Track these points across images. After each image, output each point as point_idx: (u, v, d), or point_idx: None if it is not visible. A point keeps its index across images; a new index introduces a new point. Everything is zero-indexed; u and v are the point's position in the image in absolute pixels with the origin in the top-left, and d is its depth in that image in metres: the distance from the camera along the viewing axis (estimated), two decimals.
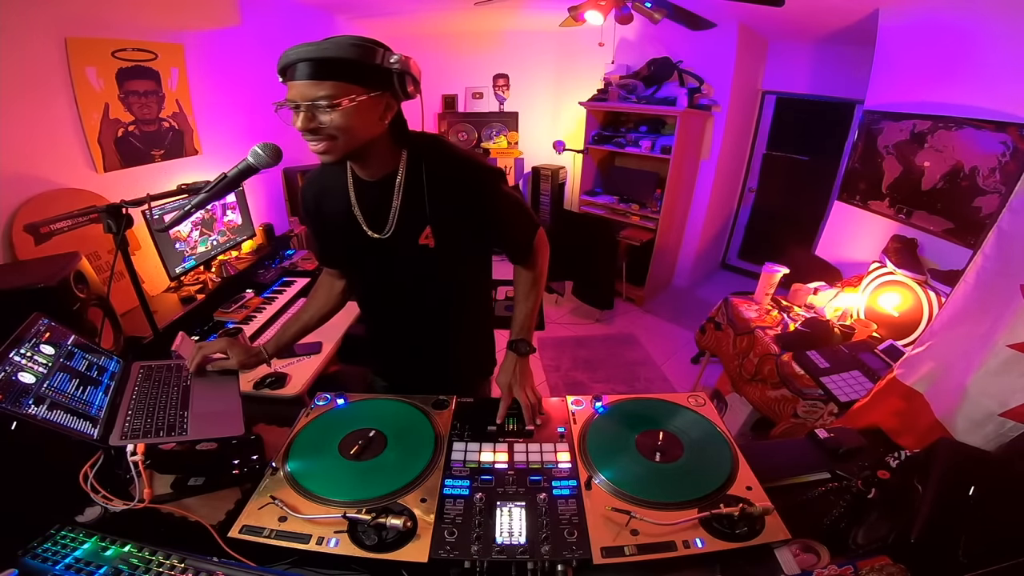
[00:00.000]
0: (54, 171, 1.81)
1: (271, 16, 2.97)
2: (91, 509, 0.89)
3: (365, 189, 1.04)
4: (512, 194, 1.11)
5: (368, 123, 0.89)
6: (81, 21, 1.86)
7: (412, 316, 1.19)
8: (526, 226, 1.17)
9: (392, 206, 1.02)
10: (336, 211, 1.07)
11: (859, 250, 2.72)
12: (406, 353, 1.28)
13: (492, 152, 4.69)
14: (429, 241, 1.03)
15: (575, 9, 2.70)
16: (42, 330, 0.99)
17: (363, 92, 0.85)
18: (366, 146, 0.94)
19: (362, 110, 0.86)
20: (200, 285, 2.20)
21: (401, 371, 1.34)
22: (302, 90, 0.83)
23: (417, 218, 1.01)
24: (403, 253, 1.06)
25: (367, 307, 1.27)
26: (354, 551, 0.76)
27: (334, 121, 0.85)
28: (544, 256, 1.23)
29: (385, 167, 1.00)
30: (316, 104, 0.83)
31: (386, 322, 1.27)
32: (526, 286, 1.23)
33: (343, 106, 0.84)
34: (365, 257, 1.10)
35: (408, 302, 1.16)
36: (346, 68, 0.83)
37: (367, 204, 1.04)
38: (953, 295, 1.20)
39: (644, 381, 3.19)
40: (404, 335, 1.25)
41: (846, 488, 0.95)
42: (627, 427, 1.04)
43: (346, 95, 0.83)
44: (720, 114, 3.85)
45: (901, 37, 2.55)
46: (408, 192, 1.01)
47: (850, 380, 1.78)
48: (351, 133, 0.88)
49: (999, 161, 2.05)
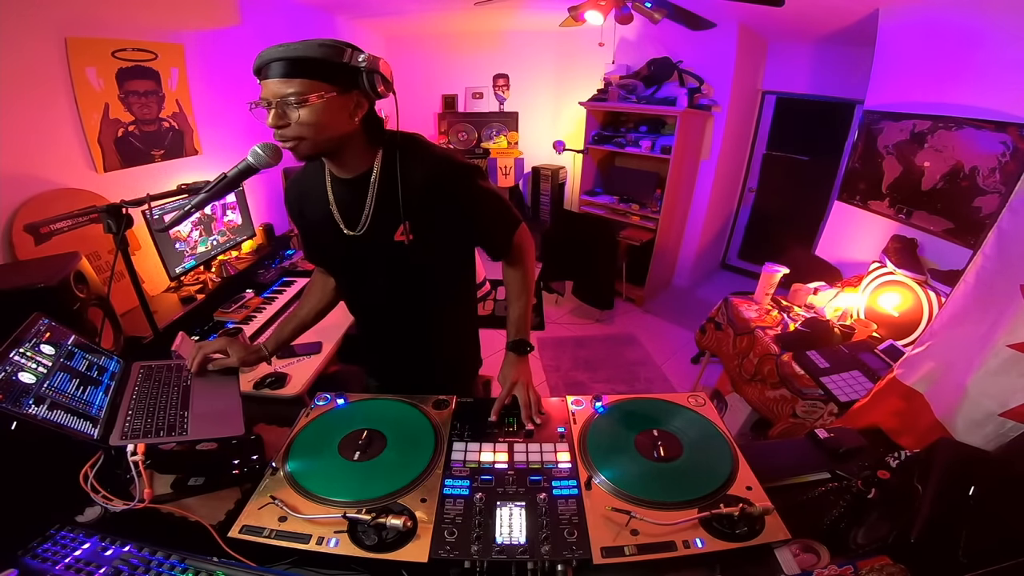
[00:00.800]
0: (54, 171, 1.81)
1: (271, 16, 2.97)
2: (91, 509, 0.89)
3: (341, 187, 1.06)
4: (491, 190, 1.12)
5: (337, 120, 0.92)
6: (81, 21, 1.86)
7: (393, 313, 1.21)
8: (506, 222, 1.16)
9: (366, 203, 1.04)
10: (316, 210, 1.10)
11: (859, 250, 2.72)
12: (390, 350, 1.30)
13: (492, 152, 4.69)
14: (404, 238, 1.04)
15: (575, 9, 2.70)
16: (42, 330, 0.99)
17: (331, 90, 0.88)
18: (338, 144, 0.97)
19: (331, 107, 0.90)
20: (200, 285, 2.20)
21: (388, 369, 1.36)
22: (273, 88, 0.87)
23: (391, 215, 1.03)
24: (377, 250, 1.08)
25: (352, 305, 1.30)
26: (354, 551, 0.76)
27: (302, 117, 0.88)
28: (529, 252, 1.22)
29: (360, 165, 1.03)
30: (286, 101, 0.87)
31: (370, 319, 1.29)
32: (516, 285, 1.23)
33: (311, 102, 0.87)
34: (343, 254, 1.13)
35: (387, 299, 1.18)
36: (314, 66, 0.87)
37: (343, 202, 1.07)
38: (953, 295, 1.20)
39: (644, 381, 3.19)
40: (387, 332, 1.27)
41: (846, 488, 0.95)
42: (627, 427, 1.04)
43: (314, 92, 0.87)
44: (720, 114, 3.85)
45: (901, 37, 2.55)
46: (382, 189, 1.03)
47: (850, 380, 1.78)
48: (319, 129, 0.90)
49: (999, 161, 2.05)
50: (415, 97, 4.82)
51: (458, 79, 4.81)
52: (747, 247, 4.75)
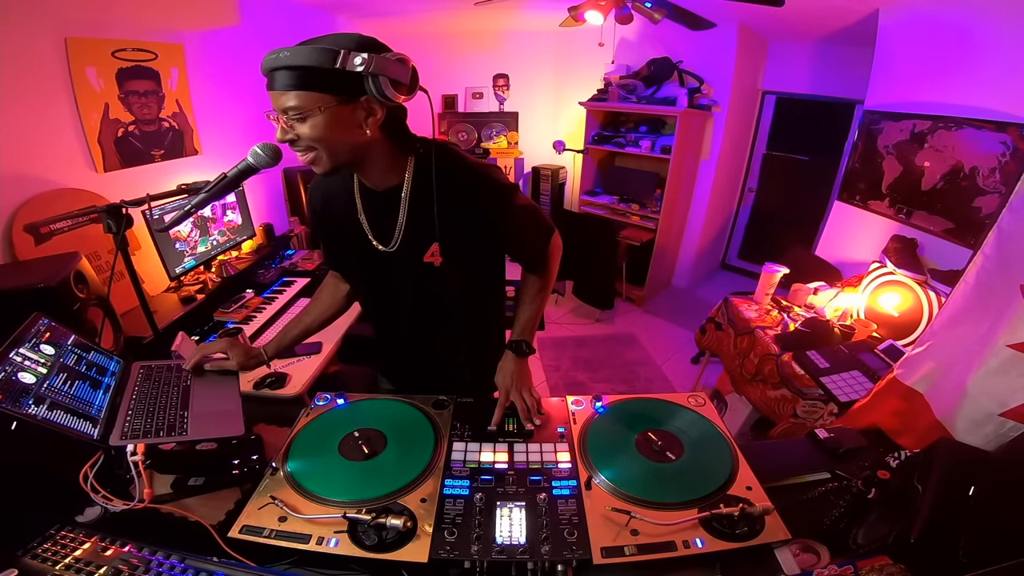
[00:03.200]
0: (54, 171, 1.81)
1: (271, 16, 2.97)
2: (91, 509, 0.88)
3: (371, 198, 1.00)
4: (528, 205, 1.08)
5: (348, 133, 0.84)
6: (81, 21, 1.86)
7: (418, 328, 1.17)
8: (541, 236, 1.14)
9: (398, 219, 0.98)
10: (342, 216, 1.04)
11: (859, 250, 2.72)
12: (412, 361, 1.26)
13: (492, 152, 4.69)
14: (435, 259, 0.98)
15: (575, 9, 2.70)
16: (42, 330, 0.99)
17: (333, 101, 0.79)
18: (358, 155, 0.90)
19: (336, 120, 0.81)
20: (200, 285, 2.20)
21: (407, 377, 1.31)
22: (276, 100, 0.81)
23: (424, 233, 0.97)
24: (408, 269, 1.03)
25: (373, 313, 1.24)
26: (354, 551, 0.76)
27: (306, 132, 0.81)
28: (557, 259, 1.21)
29: (389, 176, 0.96)
30: (288, 115, 0.81)
31: (392, 330, 1.23)
32: (534, 289, 1.21)
33: (312, 116, 0.80)
34: (370, 267, 1.08)
35: (413, 314, 1.14)
36: (307, 76, 0.77)
37: (373, 214, 1.01)
38: (953, 295, 1.20)
39: (644, 381, 3.19)
40: (410, 344, 1.22)
41: (846, 488, 0.95)
42: (627, 427, 1.04)
43: (315, 105, 0.79)
44: (720, 114, 3.85)
45: (901, 37, 2.55)
46: (414, 205, 0.97)
47: (850, 380, 1.78)
48: (328, 144, 0.84)
49: (999, 161, 2.05)
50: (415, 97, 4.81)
51: (458, 79, 4.80)
52: (747, 247, 4.75)
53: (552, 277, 1.22)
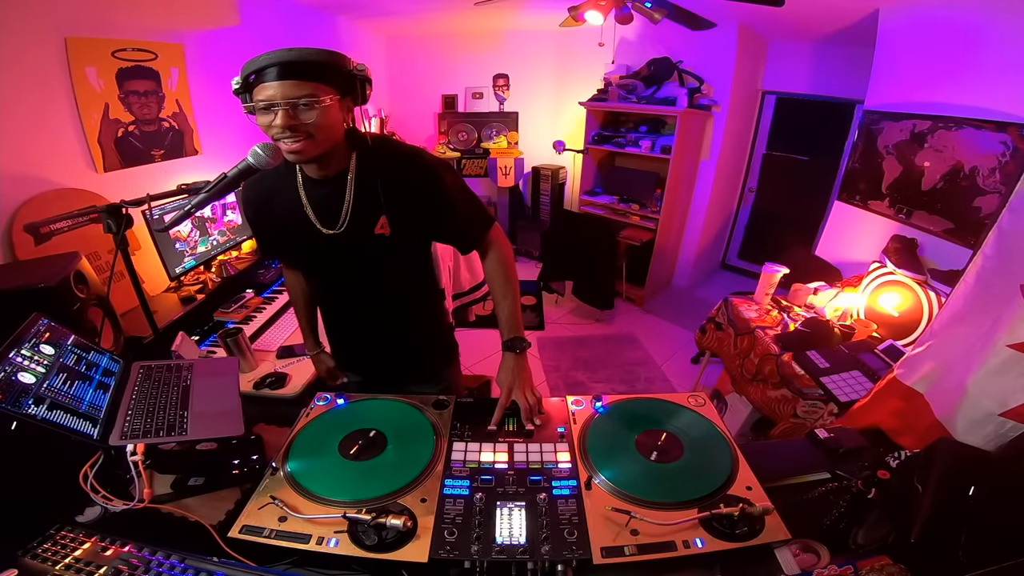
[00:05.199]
0: (54, 171, 1.81)
1: (271, 16, 2.97)
2: (91, 509, 0.89)
3: (316, 187, 1.09)
4: (462, 185, 1.16)
5: (338, 123, 0.98)
6: (81, 21, 1.85)
7: (372, 306, 1.24)
8: (476, 217, 1.19)
9: (345, 201, 1.07)
10: (286, 211, 1.12)
11: (859, 250, 2.71)
12: (369, 344, 1.33)
13: (492, 152, 4.69)
14: (385, 230, 1.09)
15: (575, 9, 2.70)
16: (42, 330, 0.99)
17: (335, 95, 0.94)
18: (333, 143, 1.00)
19: (334, 111, 0.95)
20: (200, 285, 2.20)
21: (367, 363, 1.39)
22: (284, 90, 0.89)
23: (371, 210, 1.07)
24: (359, 245, 1.11)
25: (325, 302, 1.33)
26: (354, 551, 0.76)
27: (314, 119, 0.91)
28: (505, 250, 1.24)
29: (338, 166, 1.06)
30: (298, 103, 0.90)
31: (345, 313, 1.31)
32: (499, 283, 1.23)
33: (322, 105, 0.91)
34: (319, 252, 1.15)
35: (367, 293, 1.21)
36: (325, 71, 0.93)
37: (318, 202, 1.09)
38: (953, 295, 1.20)
39: (644, 381, 3.19)
40: (365, 326, 1.29)
41: (846, 488, 0.95)
42: (627, 427, 1.04)
43: (325, 95, 0.91)
44: (720, 114, 3.84)
45: (901, 37, 2.55)
46: (360, 187, 1.07)
47: (850, 380, 1.78)
48: (326, 132, 0.95)
49: (999, 161, 2.05)
50: (415, 97, 4.82)
51: (458, 79, 4.80)
52: (747, 247, 4.74)
53: (510, 269, 1.23)
